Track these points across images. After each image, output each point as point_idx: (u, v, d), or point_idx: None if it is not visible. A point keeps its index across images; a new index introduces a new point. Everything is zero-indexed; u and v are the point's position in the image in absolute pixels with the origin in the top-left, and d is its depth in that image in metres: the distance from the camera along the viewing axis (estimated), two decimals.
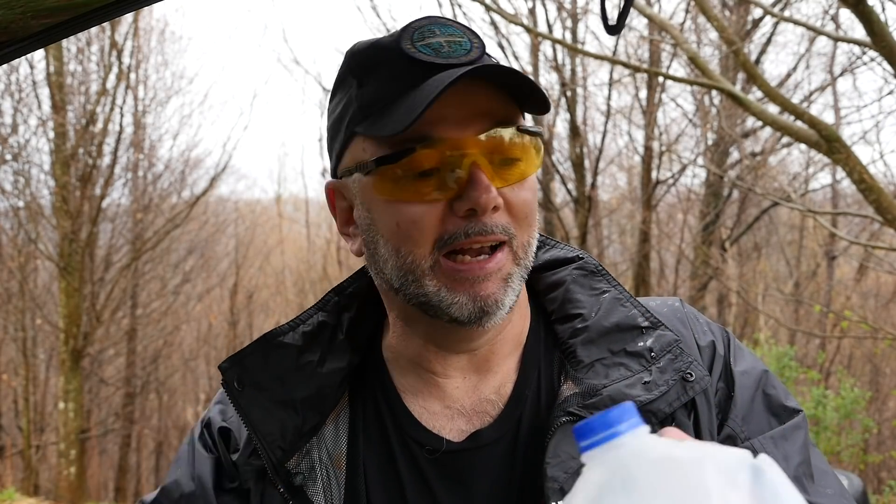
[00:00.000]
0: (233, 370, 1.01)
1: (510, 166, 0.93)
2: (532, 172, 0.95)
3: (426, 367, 1.03)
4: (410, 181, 0.91)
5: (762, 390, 1.02)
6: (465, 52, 0.91)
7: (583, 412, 0.93)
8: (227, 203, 20.37)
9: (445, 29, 0.91)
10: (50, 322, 13.28)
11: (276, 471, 0.98)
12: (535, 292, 1.10)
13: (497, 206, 0.90)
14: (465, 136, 0.90)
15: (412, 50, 0.90)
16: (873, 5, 4.53)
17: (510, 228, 0.93)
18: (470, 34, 0.91)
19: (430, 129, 0.89)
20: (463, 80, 0.86)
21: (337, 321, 1.07)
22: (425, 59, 0.90)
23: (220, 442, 1.06)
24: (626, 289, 1.05)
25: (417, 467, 0.99)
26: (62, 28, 0.89)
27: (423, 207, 0.91)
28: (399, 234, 0.93)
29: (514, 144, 0.92)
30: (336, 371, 1.03)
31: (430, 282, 0.93)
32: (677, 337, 0.99)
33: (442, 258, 0.92)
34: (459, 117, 0.90)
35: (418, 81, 0.89)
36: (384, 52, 0.92)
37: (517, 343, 1.04)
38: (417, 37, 0.90)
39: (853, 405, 8.42)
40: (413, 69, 0.90)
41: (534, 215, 0.96)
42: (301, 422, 1.00)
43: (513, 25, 11.23)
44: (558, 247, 1.11)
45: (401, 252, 0.93)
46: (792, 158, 13.35)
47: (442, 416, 1.01)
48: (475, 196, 0.88)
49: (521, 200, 0.93)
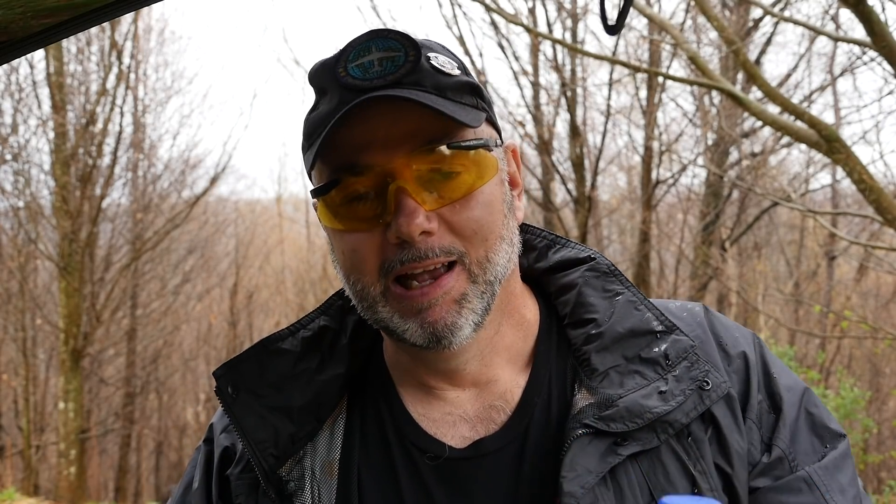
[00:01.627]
0: (227, 376, 1.00)
1: (449, 183, 0.89)
2: (481, 185, 0.91)
3: (421, 381, 1.01)
4: (346, 210, 0.91)
5: (805, 409, 0.98)
6: (394, 69, 0.87)
7: (599, 424, 0.90)
8: (227, 203, 20.39)
9: (384, 43, 0.87)
10: (50, 322, 13.28)
11: (268, 478, 0.97)
12: (546, 294, 1.07)
13: (428, 231, 0.88)
14: (392, 159, 0.88)
15: (342, 74, 0.88)
16: (873, 5, 4.53)
17: (455, 247, 0.90)
18: (408, 45, 0.87)
19: (357, 157, 0.88)
20: (364, 108, 0.85)
21: (340, 325, 1.06)
22: (349, 84, 0.88)
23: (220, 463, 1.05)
24: (639, 290, 1.03)
25: (418, 474, 0.97)
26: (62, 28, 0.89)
27: (361, 236, 0.91)
28: (346, 262, 0.94)
29: (452, 160, 0.89)
30: (335, 378, 1.02)
31: (383, 308, 0.93)
32: (693, 342, 0.96)
33: (391, 283, 0.91)
34: (386, 140, 0.88)
35: (342, 107, 0.87)
36: (325, 74, 0.90)
37: (515, 351, 1.01)
38: (353, 56, 0.87)
39: (853, 405, 8.42)
40: (342, 94, 0.89)
41: (489, 228, 0.92)
42: (296, 429, 0.98)
43: (513, 25, 11.23)
44: (569, 246, 1.08)
45: (351, 279, 0.94)
46: (792, 158, 13.38)
47: (444, 423, 0.99)
48: (399, 223, 0.87)
49: (466, 218, 0.90)
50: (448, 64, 0.92)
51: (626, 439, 0.90)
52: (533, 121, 12.21)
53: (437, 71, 0.90)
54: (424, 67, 0.89)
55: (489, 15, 11.37)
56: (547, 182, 12.31)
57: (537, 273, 1.08)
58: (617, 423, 0.90)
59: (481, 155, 0.91)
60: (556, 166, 12.42)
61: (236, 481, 1.01)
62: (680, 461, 0.92)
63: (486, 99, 0.97)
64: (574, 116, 12.18)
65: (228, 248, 19.98)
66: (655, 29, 10.08)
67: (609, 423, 0.90)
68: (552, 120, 12.46)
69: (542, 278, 1.07)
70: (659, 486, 0.90)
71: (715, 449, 0.93)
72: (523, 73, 12.06)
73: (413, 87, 0.88)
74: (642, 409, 0.91)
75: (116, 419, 15.42)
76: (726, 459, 0.93)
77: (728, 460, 0.93)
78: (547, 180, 12.31)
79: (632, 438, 0.90)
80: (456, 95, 0.92)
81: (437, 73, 0.90)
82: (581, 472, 0.88)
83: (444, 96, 0.90)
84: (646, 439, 0.91)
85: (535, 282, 1.09)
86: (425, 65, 0.89)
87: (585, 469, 0.88)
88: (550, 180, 12.48)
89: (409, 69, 0.88)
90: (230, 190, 24.98)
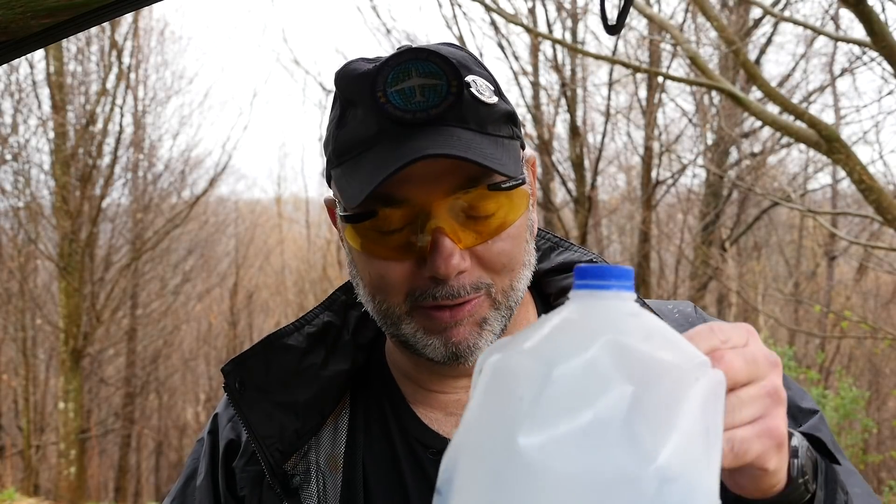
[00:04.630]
0: (235, 372, 1.01)
1: (484, 222, 0.90)
2: (513, 221, 0.92)
3: (422, 385, 1.02)
4: (378, 237, 0.91)
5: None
6: (438, 101, 0.86)
7: None
8: (227, 203, 20.38)
9: (424, 67, 0.86)
10: (50, 322, 13.28)
11: (274, 473, 0.98)
12: (545, 296, 1.08)
13: (462, 271, 0.89)
14: (430, 196, 0.87)
15: (382, 99, 0.86)
16: (873, 5, 4.54)
17: (483, 281, 0.91)
18: (450, 72, 0.85)
19: (395, 190, 0.87)
20: (410, 163, 0.83)
21: (343, 321, 1.07)
22: (391, 114, 0.86)
23: (225, 455, 1.06)
24: (640, 295, 1.02)
25: (421, 468, 0.98)
26: (62, 28, 0.89)
27: (391, 264, 0.91)
28: (372, 283, 0.94)
29: (487, 201, 0.89)
30: (339, 373, 1.02)
31: (408, 325, 0.93)
32: None
33: (418, 306, 0.92)
34: (426, 177, 0.87)
35: (383, 138, 0.87)
36: (359, 90, 0.89)
37: None
38: (392, 79, 0.86)
39: (852, 405, 8.43)
40: (381, 122, 0.88)
41: (516, 260, 0.93)
42: (301, 424, 0.99)
43: (513, 25, 11.24)
44: (572, 249, 1.09)
45: (376, 299, 0.95)
46: (791, 158, 13.37)
47: (445, 423, 1.00)
48: (437, 264, 0.87)
49: (496, 253, 0.91)
50: (486, 90, 0.91)
51: None
52: (533, 121, 12.21)
53: (478, 101, 0.89)
54: (466, 100, 0.88)
55: (489, 15, 11.39)
56: (547, 182, 12.31)
57: (538, 274, 1.08)
58: None
59: (517, 191, 0.92)
60: (556, 166, 12.42)
61: (241, 474, 1.02)
62: None
63: (518, 125, 0.97)
64: (574, 116, 12.18)
65: (228, 248, 19.97)
66: (655, 29, 10.09)
67: None
68: (552, 120, 12.47)
69: (542, 280, 1.08)
70: None
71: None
72: (523, 73, 12.07)
73: (456, 123, 0.88)
74: None
75: (116, 419, 15.42)
76: None
77: None
78: (547, 180, 12.31)
79: None
80: (496, 128, 0.91)
81: (478, 104, 0.89)
82: None
83: (486, 131, 0.89)
84: None
85: (535, 283, 1.09)
86: (467, 96, 0.88)
87: None
88: (550, 180, 12.48)
89: (451, 102, 0.86)
90: (230, 190, 24.97)
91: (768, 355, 0.61)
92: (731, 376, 0.57)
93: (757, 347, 0.61)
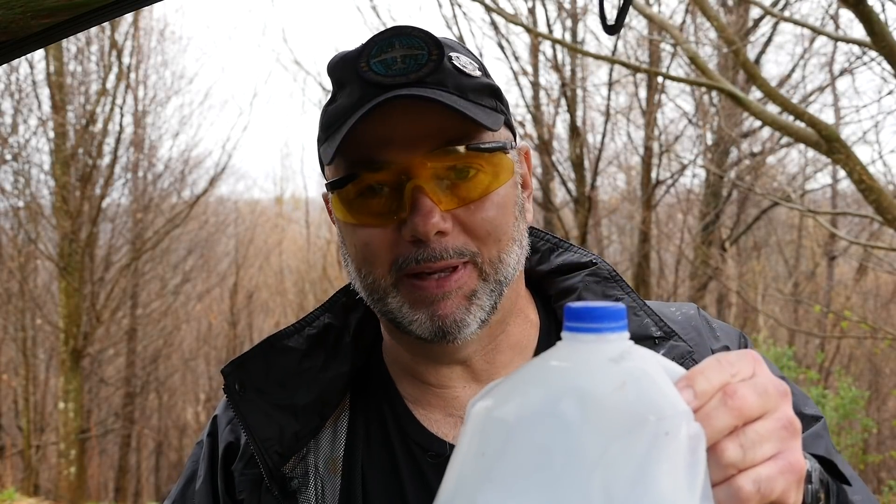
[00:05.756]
0: (235, 374, 1.01)
1: (466, 184, 0.90)
2: (497, 187, 0.92)
3: (421, 378, 1.02)
4: (361, 204, 0.91)
5: None
6: (417, 67, 0.88)
7: None
8: (227, 203, 20.39)
9: (407, 40, 0.88)
10: (50, 322, 13.28)
11: (272, 476, 0.98)
12: (545, 297, 1.08)
13: (443, 231, 0.89)
14: (411, 157, 0.88)
15: (364, 68, 0.88)
16: (873, 5, 4.54)
17: (468, 248, 0.91)
18: (431, 44, 0.88)
19: (376, 153, 0.89)
20: (385, 105, 0.85)
21: (344, 322, 1.06)
22: (372, 79, 0.88)
23: (224, 457, 1.05)
24: (639, 295, 1.04)
25: (420, 471, 0.98)
26: (62, 28, 0.89)
27: (375, 231, 0.91)
28: (357, 255, 0.95)
29: (470, 161, 0.89)
30: (339, 376, 1.02)
31: (393, 299, 0.93)
32: (690, 349, 0.98)
33: (403, 276, 0.92)
34: (406, 138, 0.88)
35: (362, 102, 0.88)
36: (347, 68, 0.91)
37: (520, 349, 1.02)
38: (376, 52, 0.88)
39: (852, 405, 8.43)
40: (364, 89, 0.89)
41: (502, 229, 0.93)
42: (300, 427, 0.99)
43: (513, 25, 11.24)
44: (571, 250, 1.09)
45: (362, 272, 0.95)
46: (791, 158, 13.37)
47: (445, 423, 1.00)
48: (415, 223, 0.87)
49: (480, 219, 0.91)
50: (469, 65, 0.93)
51: None
52: (533, 121, 12.21)
53: (459, 71, 0.91)
54: (447, 67, 0.90)
55: (489, 15, 11.38)
56: (547, 182, 12.31)
57: (539, 276, 1.09)
58: None
59: (498, 157, 0.92)
60: (556, 166, 12.42)
61: (240, 477, 1.02)
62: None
63: (504, 101, 0.98)
64: (574, 116, 12.18)
65: (228, 248, 19.97)
66: (655, 29, 10.09)
67: None
68: (552, 120, 12.47)
69: (543, 281, 1.08)
70: None
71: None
72: (523, 73, 12.06)
73: (435, 86, 0.89)
74: None
75: (116, 419, 15.42)
76: None
77: None
78: (547, 180, 12.31)
79: None
80: (477, 97, 0.92)
81: (458, 73, 0.91)
82: None
83: (466, 97, 0.91)
84: None
85: (535, 284, 1.09)
86: (447, 65, 0.90)
87: None
88: (550, 180, 12.48)
89: (431, 68, 0.88)
90: (230, 190, 25.01)
91: (777, 385, 0.60)
92: (746, 411, 0.56)
93: (766, 377, 0.60)
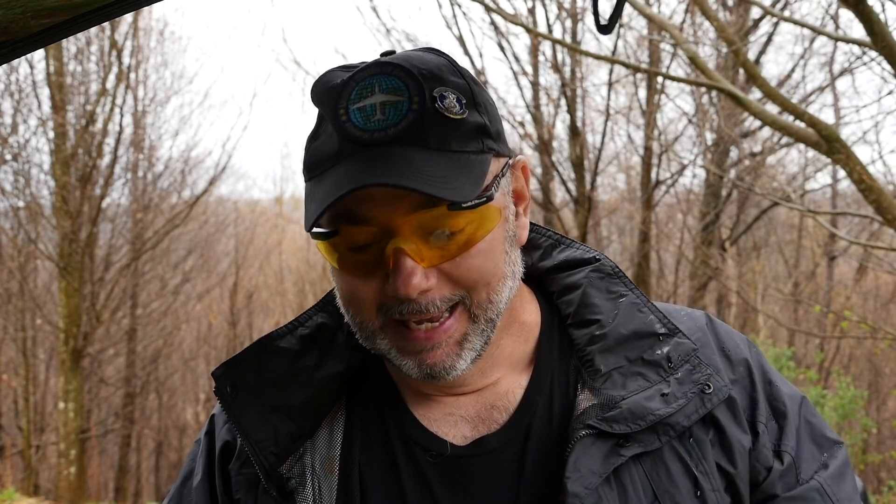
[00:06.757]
0: (227, 376, 1.00)
1: (448, 240, 0.88)
2: (483, 236, 0.89)
3: (417, 389, 1.02)
4: (347, 253, 0.90)
5: (804, 418, 1.01)
6: (398, 119, 0.85)
7: (602, 425, 0.92)
8: (227, 203, 20.39)
9: (387, 82, 0.86)
10: (50, 322, 13.28)
11: (269, 476, 0.97)
12: (547, 293, 1.08)
13: (426, 289, 0.88)
14: (392, 215, 0.86)
15: (343, 117, 0.86)
16: (873, 5, 4.53)
17: (456, 295, 0.90)
18: (413, 87, 0.85)
19: (357, 208, 0.87)
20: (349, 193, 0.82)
21: (338, 322, 1.05)
22: (350, 133, 0.86)
23: (221, 457, 1.06)
24: (642, 292, 1.03)
25: (419, 471, 0.97)
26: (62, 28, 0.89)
27: (360, 281, 0.91)
28: (345, 297, 0.95)
29: (449, 219, 0.87)
30: (333, 375, 1.02)
31: (382, 340, 0.93)
32: (695, 346, 0.98)
33: (390, 321, 0.92)
34: (386, 196, 0.86)
35: (342, 157, 0.87)
36: (327, 105, 0.89)
37: (517, 357, 1.02)
38: (355, 96, 0.86)
39: (851, 405, 8.42)
40: (342, 142, 0.87)
41: (490, 273, 0.91)
42: (295, 427, 0.99)
43: (512, 26, 11.23)
44: (573, 246, 1.08)
45: (350, 312, 0.95)
46: (791, 158, 13.37)
47: (445, 423, 0.99)
48: (396, 285, 0.86)
49: (465, 269, 0.89)
50: (455, 104, 0.89)
51: (628, 440, 0.92)
52: (532, 121, 12.21)
53: (443, 118, 0.87)
54: (429, 116, 0.87)
55: (489, 15, 11.38)
56: (546, 182, 12.31)
57: (540, 272, 1.08)
58: (620, 425, 0.92)
59: (483, 209, 0.89)
60: (556, 166, 12.42)
61: (236, 476, 1.02)
62: (682, 461, 0.93)
63: (492, 133, 0.93)
64: (574, 116, 12.18)
65: (228, 248, 19.97)
66: (655, 29, 10.08)
67: (612, 425, 0.91)
68: (552, 120, 12.46)
69: (545, 277, 1.08)
70: (662, 486, 0.92)
71: (717, 450, 0.95)
72: (523, 73, 12.06)
73: (415, 143, 0.86)
74: (645, 410, 0.92)
75: (116, 419, 15.41)
76: (729, 459, 0.95)
77: (731, 460, 0.95)
78: (546, 180, 12.31)
79: (634, 440, 0.92)
80: (461, 144, 0.89)
81: (443, 120, 0.87)
82: (585, 472, 0.89)
83: (448, 149, 0.87)
84: (647, 441, 0.92)
85: (537, 280, 1.09)
86: (429, 109, 0.86)
87: (589, 470, 0.90)
88: (550, 180, 12.48)
89: (412, 119, 0.85)
90: (230, 190, 25.03)
91: None
92: None
93: None
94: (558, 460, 0.93)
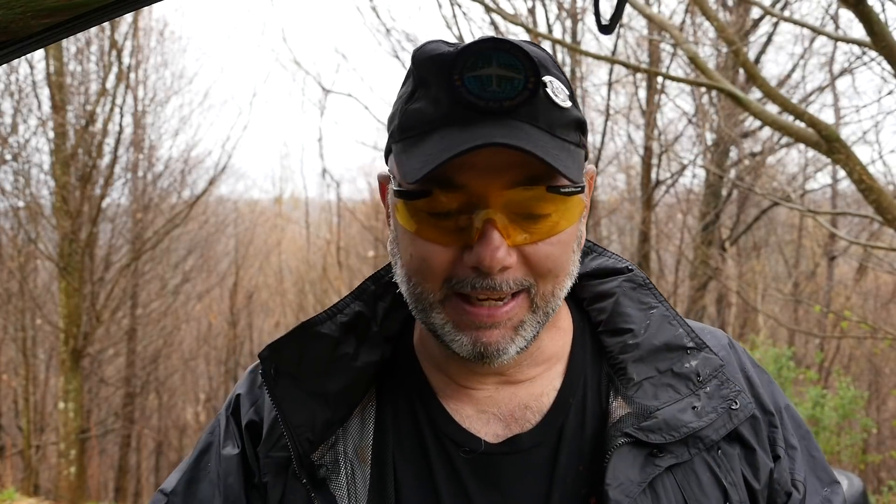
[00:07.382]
0: (271, 358, 1.00)
1: (537, 222, 0.89)
2: (566, 227, 0.91)
3: (453, 378, 1.02)
4: (428, 218, 0.89)
5: (809, 452, 1.05)
6: (513, 94, 0.85)
7: (640, 434, 0.93)
8: (227, 203, 20.37)
9: (505, 58, 0.85)
10: (50, 322, 13.28)
11: (301, 463, 0.97)
12: (578, 300, 1.09)
13: (507, 266, 0.88)
14: (489, 186, 0.86)
15: (458, 82, 0.85)
16: (873, 5, 4.53)
17: (527, 280, 0.90)
18: (530, 67, 0.85)
19: (455, 174, 0.86)
20: (475, 148, 0.82)
21: (372, 312, 1.06)
22: (464, 98, 0.85)
23: (247, 435, 1.05)
24: (671, 305, 1.06)
25: (452, 466, 0.97)
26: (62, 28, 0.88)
27: (436, 247, 0.90)
28: (411, 264, 0.93)
29: (545, 202, 0.88)
30: (369, 364, 1.02)
31: (439, 315, 0.93)
32: (722, 362, 1.00)
33: (454, 294, 0.91)
34: (488, 166, 0.86)
35: (452, 121, 0.86)
36: (437, 71, 0.87)
37: (551, 355, 1.03)
38: (471, 64, 0.85)
39: (851, 405, 8.42)
40: (453, 105, 0.86)
41: (561, 266, 0.92)
42: (331, 414, 0.99)
43: (513, 25, 11.23)
44: (606, 255, 1.10)
45: (412, 281, 0.94)
46: (791, 158, 13.37)
47: (477, 420, 1.00)
48: (481, 255, 0.86)
49: (544, 255, 0.90)
50: (562, 93, 0.90)
51: (661, 451, 0.93)
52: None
53: (552, 103, 0.89)
54: (540, 98, 0.87)
55: (489, 15, 11.37)
56: None
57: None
58: (655, 435, 0.93)
59: (574, 199, 0.91)
60: None
61: (265, 459, 1.01)
62: (712, 472, 0.95)
63: (586, 132, 0.96)
64: None
65: (228, 248, 19.97)
66: (655, 29, 10.08)
67: (648, 434, 0.93)
68: None
69: (577, 284, 1.07)
70: (693, 495, 0.94)
71: (744, 464, 0.98)
72: None
73: (527, 120, 0.86)
74: (679, 422, 0.94)
75: (116, 419, 15.41)
76: (755, 475, 0.98)
77: (756, 476, 0.98)
78: None
79: (667, 451, 0.94)
80: (564, 132, 0.90)
81: (551, 105, 0.88)
82: (624, 481, 0.91)
83: (554, 133, 0.88)
84: (678, 452, 0.94)
85: None
86: (541, 94, 0.87)
87: (628, 479, 0.91)
88: None
89: (525, 98, 0.85)
90: (230, 190, 24.97)
91: None
92: None
93: None
94: (590, 463, 0.94)
